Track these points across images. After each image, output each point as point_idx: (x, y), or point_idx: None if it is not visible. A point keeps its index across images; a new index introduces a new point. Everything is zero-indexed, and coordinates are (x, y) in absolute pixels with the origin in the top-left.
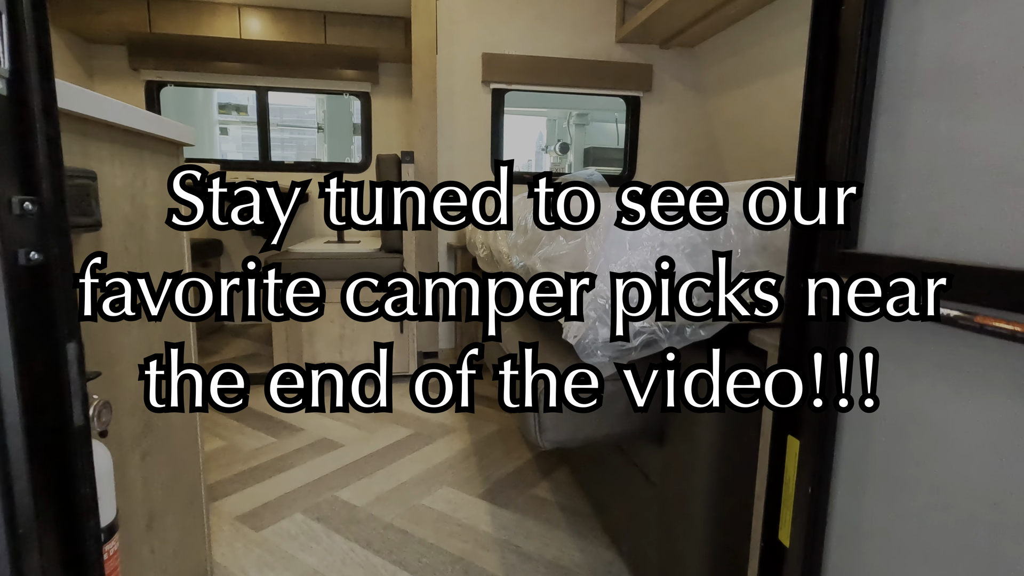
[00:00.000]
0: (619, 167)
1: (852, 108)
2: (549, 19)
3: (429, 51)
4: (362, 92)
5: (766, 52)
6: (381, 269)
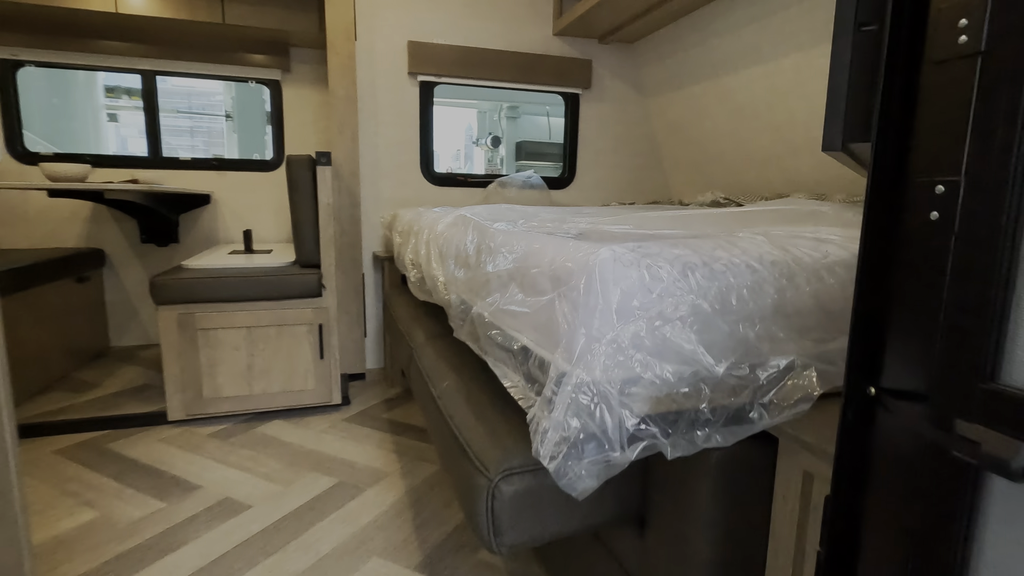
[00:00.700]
0: (552, 161)
1: None
2: (481, 7)
3: (347, 37)
4: (271, 80)
5: (708, 53)
6: (295, 288)
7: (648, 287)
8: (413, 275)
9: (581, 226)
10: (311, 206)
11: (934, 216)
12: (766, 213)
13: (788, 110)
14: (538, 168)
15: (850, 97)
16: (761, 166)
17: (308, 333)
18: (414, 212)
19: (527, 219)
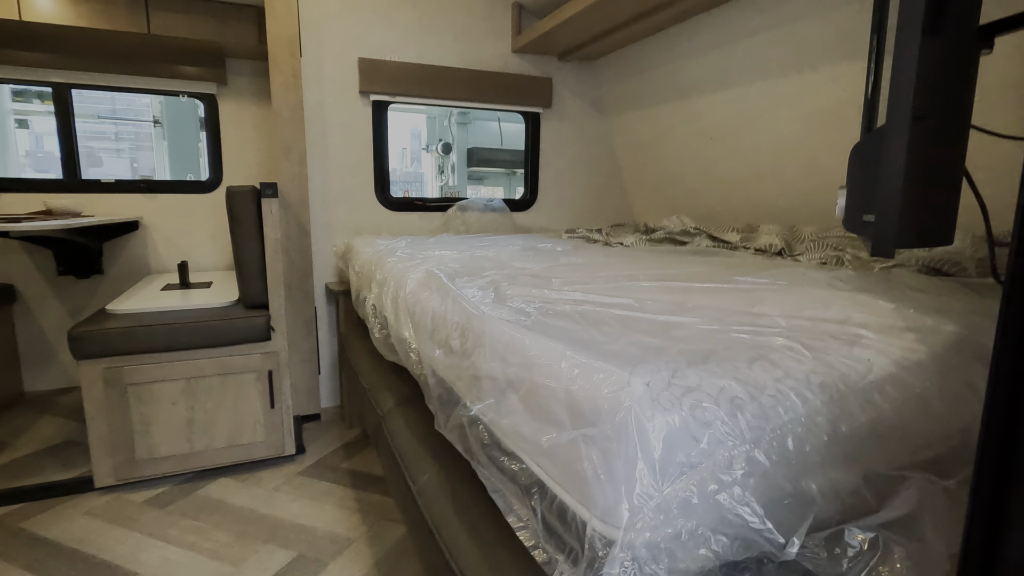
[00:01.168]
0: (505, 168)
1: None
2: (436, 22)
3: (291, 53)
4: (205, 94)
5: (673, 74)
6: (241, 333)
7: (694, 435)
8: (377, 331)
9: (576, 296)
10: (256, 242)
11: None
12: (774, 294)
13: (754, 136)
14: (490, 175)
15: (908, 197)
16: (726, 191)
17: (256, 381)
18: (371, 245)
19: (499, 268)
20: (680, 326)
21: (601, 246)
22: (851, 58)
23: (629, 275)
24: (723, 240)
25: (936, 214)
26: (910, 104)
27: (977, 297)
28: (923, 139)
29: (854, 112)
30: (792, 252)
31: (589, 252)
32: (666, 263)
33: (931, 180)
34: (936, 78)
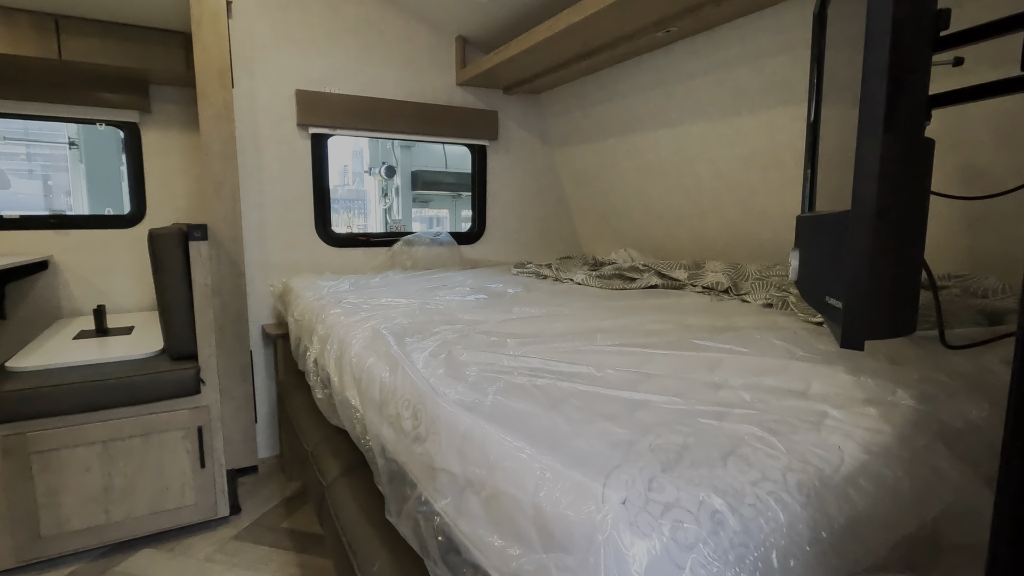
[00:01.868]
0: (450, 191)
1: None
2: (377, 54)
3: (221, 84)
4: (127, 123)
5: (615, 111)
6: (166, 387)
7: (677, 561)
8: (320, 391)
9: (534, 364)
10: (183, 288)
11: None
12: (732, 358)
13: (696, 173)
14: (435, 198)
15: (875, 291)
16: (670, 224)
17: (184, 439)
18: (311, 288)
19: (450, 322)
20: (645, 406)
21: (551, 282)
22: (785, 103)
23: (585, 331)
24: (671, 277)
25: (901, 304)
26: (874, 199)
27: (927, 357)
28: (887, 232)
29: (789, 154)
30: (738, 291)
31: (541, 294)
32: (620, 312)
33: (895, 272)
34: (896, 172)
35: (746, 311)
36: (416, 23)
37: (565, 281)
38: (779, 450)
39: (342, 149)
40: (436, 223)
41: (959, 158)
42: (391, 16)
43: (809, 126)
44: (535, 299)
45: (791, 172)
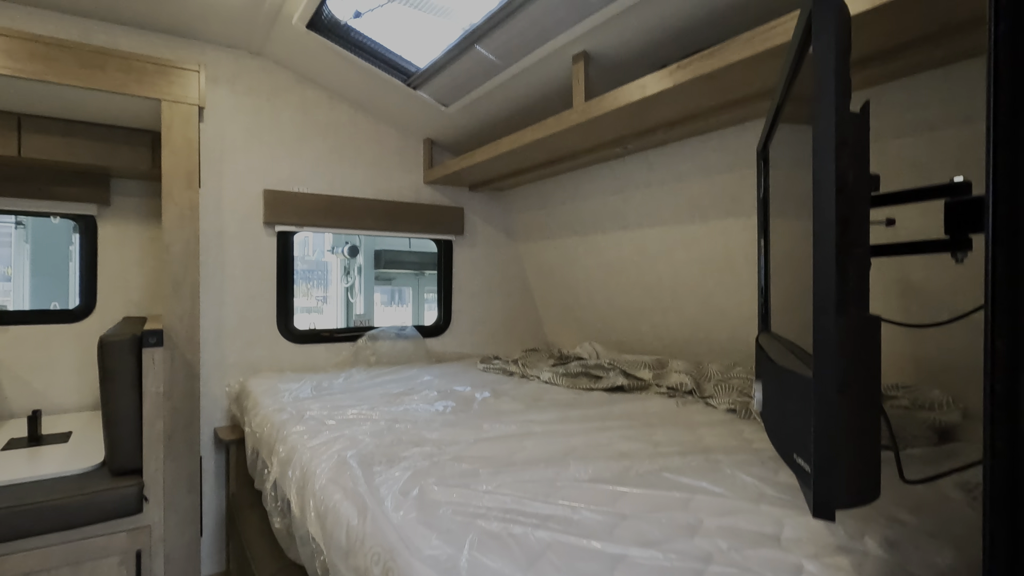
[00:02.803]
0: (413, 270)
1: None
2: (347, 154)
3: (188, 185)
4: (83, 215)
5: (576, 212)
6: (104, 508)
7: None
8: (279, 520)
9: (508, 504)
10: (132, 397)
11: None
12: (704, 497)
13: (656, 272)
14: (398, 276)
15: (843, 466)
16: (632, 319)
17: (120, 565)
18: (271, 394)
19: (418, 443)
20: (623, 562)
21: (518, 380)
22: (735, 215)
23: (558, 455)
24: (637, 377)
25: (867, 473)
26: (836, 376)
27: (887, 486)
28: (850, 407)
29: (742, 259)
30: (702, 393)
31: (509, 400)
32: (590, 426)
33: (859, 444)
34: (852, 350)
35: (711, 419)
36: (386, 126)
37: (532, 379)
38: None
39: (309, 241)
40: (398, 295)
41: (895, 274)
42: (361, 119)
43: (760, 251)
44: (504, 408)
45: (745, 276)
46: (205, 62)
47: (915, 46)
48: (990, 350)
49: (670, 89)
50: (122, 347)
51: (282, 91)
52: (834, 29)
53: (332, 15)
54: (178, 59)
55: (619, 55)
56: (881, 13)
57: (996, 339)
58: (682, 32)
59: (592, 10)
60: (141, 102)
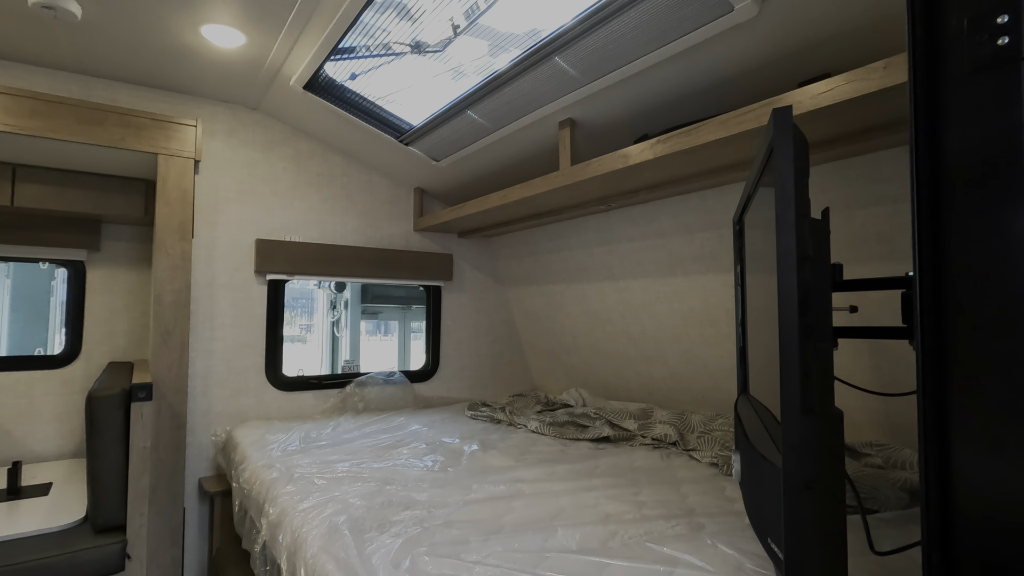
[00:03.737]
0: (401, 304)
1: None
2: (339, 205)
3: (181, 236)
4: (72, 261)
5: (563, 261)
6: (85, 568)
7: None
8: (261, 570)
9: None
10: (118, 453)
11: None
12: (687, 571)
13: (640, 323)
14: (385, 310)
15: (810, 553)
16: (617, 367)
17: None
18: (258, 447)
19: (408, 505)
20: None
21: (505, 428)
22: (715, 271)
23: (544, 520)
24: (622, 427)
25: (834, 561)
26: (802, 473)
27: (859, 555)
28: (817, 500)
29: (722, 314)
30: (686, 445)
31: (498, 455)
32: (577, 484)
33: (826, 533)
34: (817, 447)
35: (695, 475)
36: (378, 177)
37: (520, 427)
38: None
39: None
40: (384, 328)
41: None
42: (353, 170)
43: (738, 316)
44: (492, 464)
45: (725, 329)
46: (202, 116)
47: (877, 130)
48: (922, 424)
49: (651, 160)
50: (111, 402)
51: (277, 143)
52: (792, 165)
53: (329, 77)
54: (176, 114)
55: (604, 123)
56: (843, 108)
57: (927, 412)
58: (663, 106)
59: (578, 85)
60: (138, 154)
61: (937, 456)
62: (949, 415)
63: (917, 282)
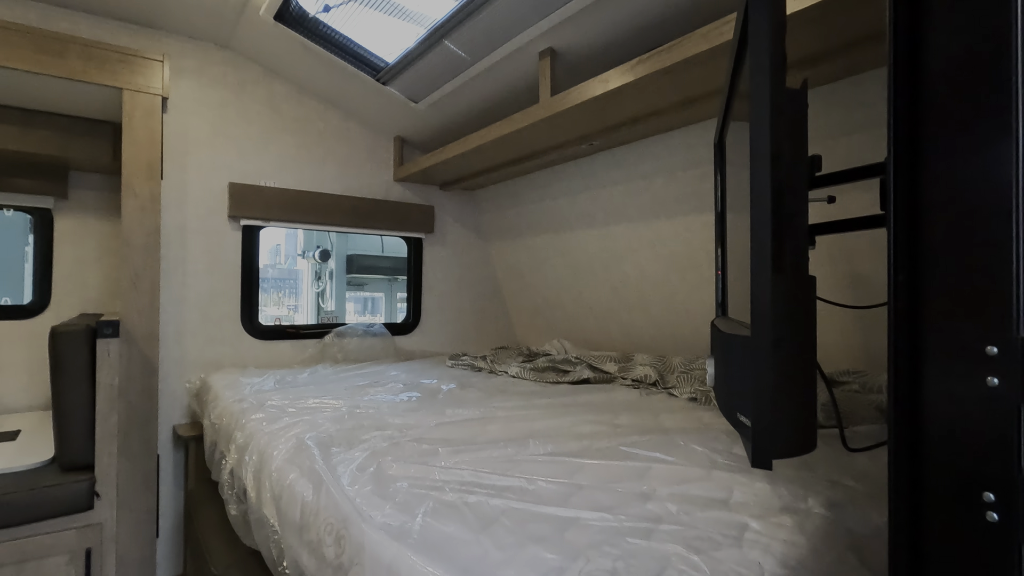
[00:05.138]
0: (386, 275)
1: None
2: (315, 151)
3: (149, 176)
4: (39, 209)
5: (546, 211)
6: (52, 504)
7: None
8: (235, 507)
9: (466, 477)
10: (84, 390)
11: None
12: (659, 466)
13: (622, 272)
14: (371, 282)
15: (779, 415)
16: (600, 319)
17: (69, 564)
18: (232, 387)
19: (380, 427)
20: (575, 524)
21: (486, 375)
22: (698, 212)
23: (519, 436)
24: (602, 371)
25: (803, 426)
26: (770, 331)
27: (833, 458)
28: (784, 360)
29: (704, 256)
30: (665, 384)
31: (475, 392)
32: (553, 411)
33: (794, 396)
34: (787, 307)
35: (672, 406)
36: (355, 123)
37: (500, 374)
38: (703, 571)
39: (276, 230)
40: (371, 304)
41: (844, 267)
42: (331, 117)
43: (717, 238)
44: (469, 398)
45: (707, 273)
46: (170, 53)
47: (860, 44)
48: (892, 313)
49: (632, 83)
50: (75, 337)
51: (249, 84)
52: (768, 14)
53: (300, 7)
54: (142, 48)
55: (584, 51)
56: (823, 10)
57: (897, 302)
58: (645, 29)
59: (556, 6)
60: (103, 92)
61: (908, 350)
62: (920, 307)
63: (891, 165)
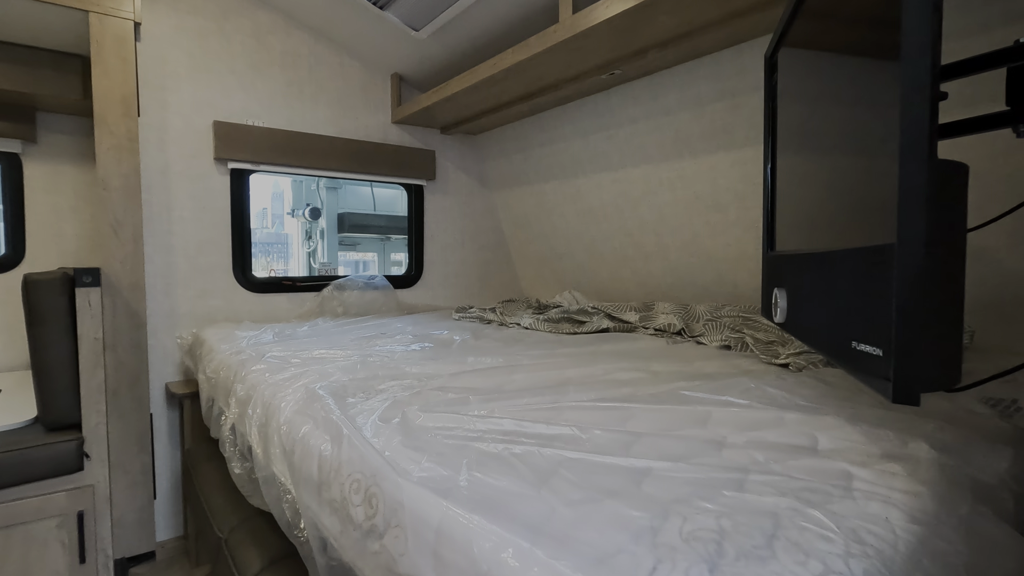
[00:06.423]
0: (378, 234)
1: None
2: (307, 89)
3: (124, 112)
4: (5, 153)
5: (555, 155)
6: (37, 466)
7: None
8: (238, 465)
9: (506, 426)
10: (65, 344)
11: None
12: (720, 410)
13: (639, 217)
14: (363, 241)
15: (928, 336)
16: (613, 267)
17: (59, 528)
18: (228, 340)
19: (396, 376)
20: (649, 475)
21: (497, 327)
22: (726, 148)
23: (553, 384)
24: (622, 320)
25: (951, 351)
26: (923, 231)
27: (917, 417)
28: (936, 268)
29: (731, 198)
30: (692, 333)
31: (491, 342)
32: (580, 360)
33: (943, 314)
34: (940, 205)
35: (706, 354)
36: (349, 59)
37: (511, 326)
38: (830, 529)
39: (261, 191)
40: (363, 267)
41: None
42: (322, 51)
43: (766, 166)
44: (486, 347)
45: (733, 215)
46: None
47: None
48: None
49: None
50: (51, 286)
51: (232, 13)
52: None
53: None
54: None
55: None
56: None
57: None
58: None
59: None
60: (68, 17)
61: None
62: None
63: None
